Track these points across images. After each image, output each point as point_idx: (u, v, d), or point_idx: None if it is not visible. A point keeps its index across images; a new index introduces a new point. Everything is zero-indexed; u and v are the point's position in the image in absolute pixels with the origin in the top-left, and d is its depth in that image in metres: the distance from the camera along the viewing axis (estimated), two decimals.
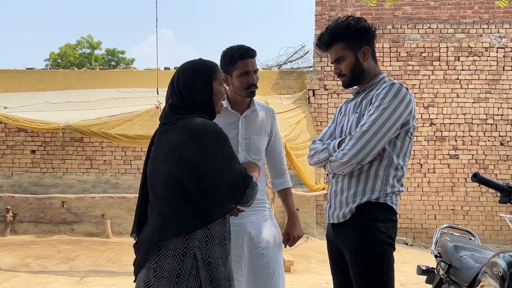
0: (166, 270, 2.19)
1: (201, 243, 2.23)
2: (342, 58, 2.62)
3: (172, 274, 2.18)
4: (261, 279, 2.96)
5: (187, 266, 2.19)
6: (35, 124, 8.06)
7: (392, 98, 2.47)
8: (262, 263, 2.97)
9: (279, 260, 3.07)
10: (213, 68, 2.43)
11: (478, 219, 10.01)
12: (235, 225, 2.96)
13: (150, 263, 2.23)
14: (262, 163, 3.14)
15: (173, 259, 2.20)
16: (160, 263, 2.20)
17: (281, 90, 10.51)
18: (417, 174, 10.15)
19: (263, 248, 2.99)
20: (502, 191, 2.55)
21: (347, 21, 2.60)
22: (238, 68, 2.96)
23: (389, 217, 2.52)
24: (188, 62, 2.47)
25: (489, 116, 10.12)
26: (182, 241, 2.21)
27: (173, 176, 2.25)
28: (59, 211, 9.80)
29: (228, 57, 2.99)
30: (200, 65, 2.42)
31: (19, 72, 11.19)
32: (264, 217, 3.07)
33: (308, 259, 7.93)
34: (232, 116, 3.04)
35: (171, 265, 2.19)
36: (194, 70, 2.40)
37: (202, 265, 2.21)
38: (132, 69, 11.80)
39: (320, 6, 10.42)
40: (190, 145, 2.23)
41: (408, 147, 2.58)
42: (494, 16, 10.22)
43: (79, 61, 28.51)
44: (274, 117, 3.24)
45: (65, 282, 6.25)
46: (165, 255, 2.21)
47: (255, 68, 3.01)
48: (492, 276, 2.45)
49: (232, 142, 3.01)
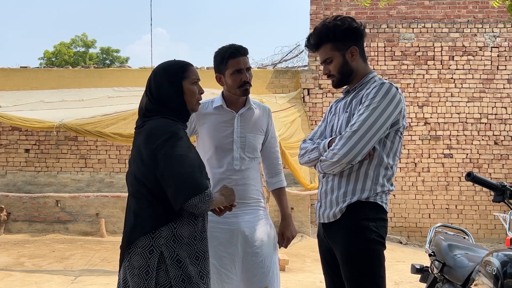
0: (136, 268, 2.28)
1: (168, 241, 2.29)
2: (330, 59, 2.63)
3: (141, 271, 2.27)
4: (255, 277, 2.96)
5: (154, 263, 2.26)
6: (29, 123, 8.02)
7: (382, 98, 2.47)
8: (256, 261, 2.97)
9: (274, 259, 3.07)
10: (184, 68, 2.46)
11: (472, 218, 10.05)
12: (230, 224, 2.97)
13: (125, 262, 2.34)
14: (257, 161, 3.14)
15: (141, 256, 2.28)
16: (131, 261, 2.30)
17: (276, 89, 10.51)
18: (412, 173, 10.17)
19: (258, 247, 2.99)
20: (496, 190, 2.57)
21: (334, 21, 2.61)
22: (230, 67, 2.95)
23: (380, 216, 2.53)
24: (161, 63, 2.52)
25: (483, 115, 10.15)
26: (148, 239, 2.28)
27: (138, 178, 2.35)
28: (53, 210, 9.77)
29: (219, 57, 3.00)
30: (171, 65, 2.47)
31: (13, 70, 11.14)
32: (259, 216, 3.08)
33: (303, 258, 7.94)
34: (227, 114, 3.04)
35: (140, 262, 2.28)
36: (164, 70, 2.45)
37: (171, 263, 2.27)
38: (127, 68, 11.76)
39: (315, 5, 10.42)
40: (147, 147, 2.31)
41: (398, 147, 2.59)
42: (488, 16, 10.25)
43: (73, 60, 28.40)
44: (270, 115, 3.24)
45: (59, 281, 6.23)
46: (134, 252, 2.30)
47: (248, 66, 3.01)
48: (485, 274, 2.46)
49: (227, 140, 3.02)
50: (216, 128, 3.04)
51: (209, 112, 3.07)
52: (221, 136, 3.03)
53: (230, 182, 2.98)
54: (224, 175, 3.01)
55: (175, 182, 2.25)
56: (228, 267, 2.94)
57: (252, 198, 3.08)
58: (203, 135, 3.09)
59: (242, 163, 3.02)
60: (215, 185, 2.98)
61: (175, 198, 2.25)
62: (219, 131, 3.03)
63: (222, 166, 3.02)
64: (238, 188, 2.98)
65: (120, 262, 2.38)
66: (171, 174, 2.26)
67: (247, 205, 3.05)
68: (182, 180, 2.24)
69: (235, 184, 2.97)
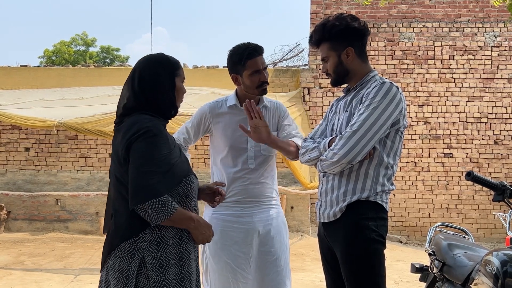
0: (117, 271, 2.20)
1: (151, 245, 2.20)
2: (327, 59, 2.65)
3: (122, 275, 2.19)
4: (268, 276, 2.96)
5: (134, 267, 2.18)
6: (29, 122, 8.02)
7: (382, 97, 2.47)
8: (270, 261, 2.97)
9: (287, 258, 3.07)
10: (177, 64, 2.39)
11: (472, 218, 10.04)
12: (245, 223, 2.96)
13: (107, 264, 2.25)
14: (272, 158, 3.11)
15: (122, 260, 2.19)
16: (113, 264, 2.22)
17: (276, 88, 10.50)
18: (412, 173, 10.17)
19: (272, 246, 2.99)
20: (496, 190, 2.57)
21: (333, 21, 2.61)
22: (248, 68, 2.91)
23: (380, 215, 2.53)
24: (148, 55, 2.41)
25: (483, 114, 10.15)
26: (130, 243, 2.20)
27: (117, 178, 2.25)
28: (53, 209, 9.77)
29: (236, 57, 2.94)
30: (164, 58, 2.38)
31: (13, 69, 11.14)
32: (273, 215, 3.07)
33: (303, 257, 7.94)
34: (241, 113, 2.99)
35: (121, 266, 2.19)
36: (159, 63, 2.35)
37: (152, 268, 2.18)
38: (127, 67, 11.76)
39: (315, 4, 10.41)
40: (122, 145, 2.21)
41: (399, 146, 2.58)
42: (488, 15, 10.25)
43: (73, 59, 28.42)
44: (282, 109, 3.18)
45: (59, 280, 6.23)
46: (115, 255, 2.21)
47: (265, 65, 2.98)
48: (485, 274, 2.46)
49: (241, 139, 2.98)
50: (230, 127, 3.01)
51: (223, 111, 3.05)
52: (236, 135, 2.99)
53: (245, 181, 2.97)
54: (239, 174, 2.99)
55: (133, 182, 2.13)
56: (243, 267, 2.94)
57: (267, 196, 3.06)
58: (217, 135, 3.06)
59: (257, 162, 3.00)
60: (229, 184, 2.96)
61: (130, 199, 2.13)
62: (233, 130, 2.99)
63: (237, 165, 3.00)
64: (253, 187, 2.99)
65: (102, 264, 2.29)
66: (132, 172, 2.14)
67: (261, 203, 3.04)
68: (139, 181, 2.12)
69: (250, 183, 2.96)
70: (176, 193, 2.25)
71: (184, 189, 2.27)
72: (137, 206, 2.12)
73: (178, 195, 2.25)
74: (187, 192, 2.29)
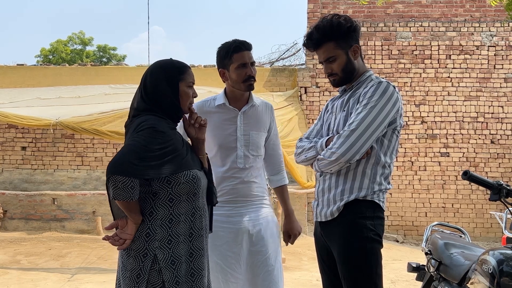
0: (129, 270, 2.25)
1: (163, 243, 2.25)
2: (334, 58, 2.60)
3: (133, 275, 2.24)
4: (259, 276, 2.94)
5: (147, 266, 2.23)
6: (25, 121, 8.00)
7: (380, 97, 2.47)
8: (261, 260, 2.95)
9: (278, 257, 3.04)
10: (182, 69, 2.42)
11: (469, 217, 10.06)
12: (234, 223, 2.94)
13: (119, 261, 2.33)
14: (261, 159, 3.10)
15: (134, 259, 2.25)
16: (125, 263, 2.28)
17: (273, 88, 10.50)
18: (408, 172, 10.18)
19: (262, 245, 2.96)
20: (492, 189, 2.57)
21: (338, 19, 2.58)
22: (234, 61, 2.90)
23: (377, 214, 2.53)
24: (158, 61, 2.47)
25: (480, 114, 10.16)
26: (142, 242, 2.25)
27: None
28: (50, 208, 9.75)
29: (223, 51, 2.94)
30: (169, 64, 2.43)
31: (10, 68, 11.11)
32: (263, 214, 3.05)
33: (300, 256, 7.94)
34: (230, 112, 2.99)
35: (133, 265, 2.25)
36: (162, 68, 2.41)
37: (165, 266, 2.23)
38: (124, 66, 11.75)
39: (312, 3, 10.40)
40: (127, 139, 2.30)
41: (395, 145, 2.59)
42: (485, 15, 10.26)
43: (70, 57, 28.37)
44: (273, 112, 3.20)
45: (55, 279, 6.22)
46: (128, 255, 2.28)
47: (252, 60, 2.96)
48: (482, 273, 2.46)
49: (230, 138, 2.97)
50: (219, 127, 2.99)
51: (212, 110, 3.02)
52: (225, 135, 2.98)
53: (234, 180, 2.95)
54: (228, 173, 2.97)
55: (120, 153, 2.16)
56: (233, 267, 2.91)
57: (257, 195, 3.04)
58: (206, 134, 3.07)
59: (246, 161, 2.98)
60: (218, 184, 2.93)
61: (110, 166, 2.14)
62: (222, 129, 2.98)
63: (226, 164, 2.98)
64: (242, 186, 2.97)
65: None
66: (124, 147, 2.21)
67: (251, 203, 3.02)
68: (126, 156, 2.13)
69: (239, 182, 2.95)
70: (183, 190, 2.29)
71: (190, 187, 2.31)
72: (113, 176, 2.12)
73: (185, 193, 2.31)
74: (194, 191, 2.33)
